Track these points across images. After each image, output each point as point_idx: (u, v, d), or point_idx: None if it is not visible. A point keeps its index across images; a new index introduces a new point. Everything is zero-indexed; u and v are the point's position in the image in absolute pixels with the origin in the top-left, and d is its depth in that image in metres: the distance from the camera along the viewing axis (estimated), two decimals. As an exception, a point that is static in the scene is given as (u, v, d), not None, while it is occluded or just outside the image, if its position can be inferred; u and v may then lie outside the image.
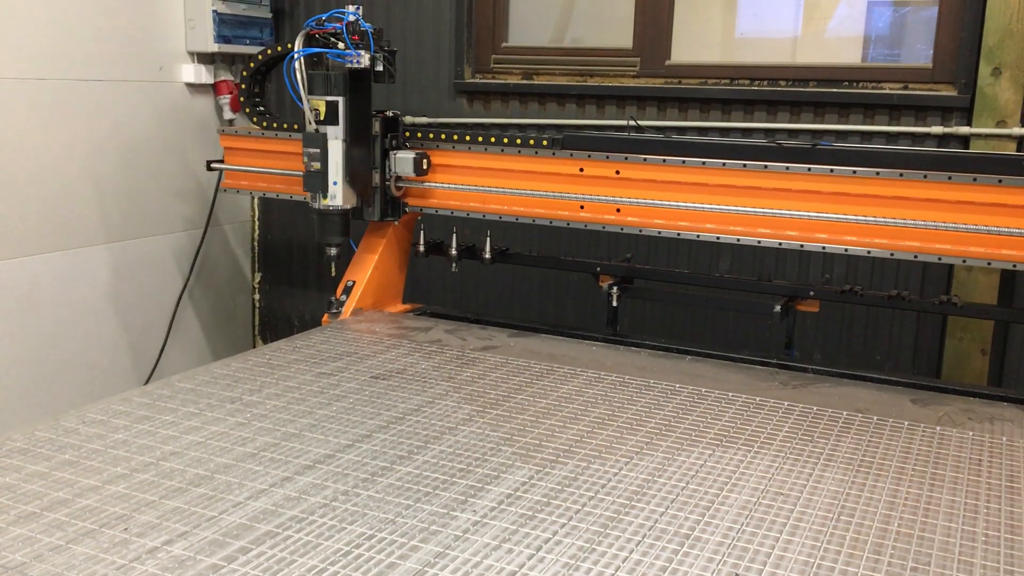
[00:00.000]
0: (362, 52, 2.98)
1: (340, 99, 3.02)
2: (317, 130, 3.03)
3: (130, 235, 3.89)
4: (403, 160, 3.17)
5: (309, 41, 3.00)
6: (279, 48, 3.36)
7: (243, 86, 3.50)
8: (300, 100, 3.01)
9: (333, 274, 3.22)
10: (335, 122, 3.02)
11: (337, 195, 3.07)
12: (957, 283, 3.34)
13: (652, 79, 3.76)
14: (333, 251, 3.18)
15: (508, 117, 3.98)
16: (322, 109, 3.01)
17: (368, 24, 3.00)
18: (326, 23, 3.00)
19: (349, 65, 2.99)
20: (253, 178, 3.56)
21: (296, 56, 2.96)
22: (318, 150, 3.03)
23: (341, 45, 2.99)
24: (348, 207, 3.11)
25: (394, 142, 3.21)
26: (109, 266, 3.81)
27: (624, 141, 3.04)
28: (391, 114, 3.22)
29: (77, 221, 3.65)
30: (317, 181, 3.05)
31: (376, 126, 3.17)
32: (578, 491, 1.84)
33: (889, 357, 3.55)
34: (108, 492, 1.78)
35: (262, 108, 3.54)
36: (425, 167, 3.19)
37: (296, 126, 3.38)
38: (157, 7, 3.88)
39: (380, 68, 3.05)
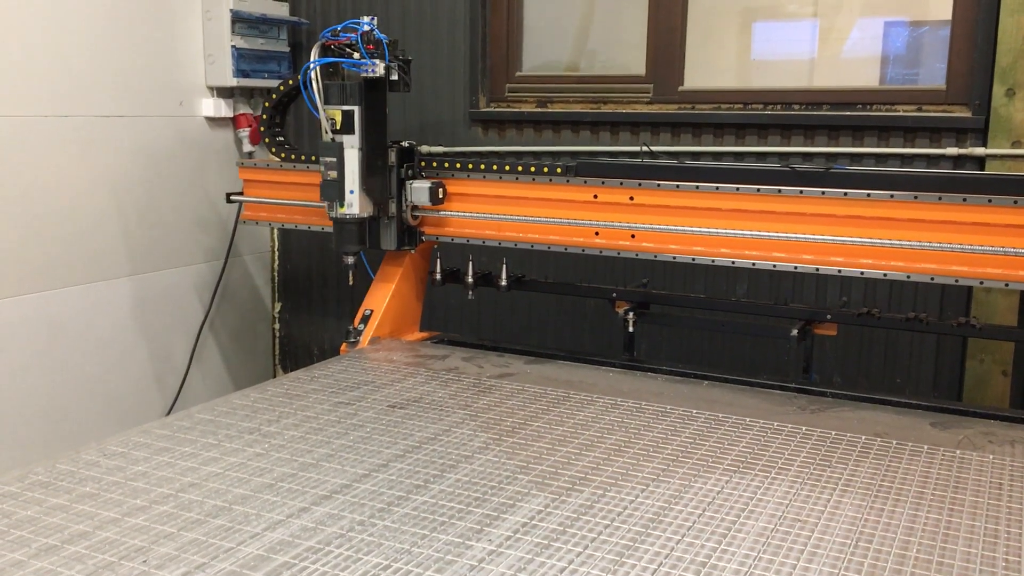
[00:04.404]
0: (376, 61, 2.99)
1: (356, 108, 3.03)
2: (333, 139, 3.04)
3: (152, 267, 3.94)
4: (419, 189, 3.19)
5: (324, 52, 3.01)
6: (300, 78, 3.40)
7: (264, 116, 3.55)
8: (316, 110, 3.02)
9: (351, 283, 3.24)
10: (351, 131, 3.04)
11: (354, 203, 3.07)
12: (976, 304, 3.32)
13: (665, 105, 3.78)
14: (350, 259, 3.18)
15: (523, 145, 4.01)
16: (338, 118, 3.02)
17: (384, 35, 3.02)
18: (341, 34, 3.01)
19: (364, 74, 3.01)
20: (272, 209, 3.60)
21: (312, 66, 2.97)
22: (334, 159, 3.04)
23: (356, 55, 3.00)
24: (365, 215, 3.12)
25: (410, 172, 3.24)
26: (132, 298, 3.86)
27: (638, 167, 3.06)
28: (407, 144, 3.25)
29: (100, 254, 3.70)
30: (334, 190, 3.07)
31: (392, 156, 3.19)
32: (594, 519, 1.83)
33: (909, 380, 3.53)
34: (128, 524, 1.80)
35: (282, 139, 3.58)
36: (441, 196, 3.21)
37: (314, 157, 3.41)
38: (177, 43, 3.96)
39: (395, 77, 3.06)
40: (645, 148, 3.50)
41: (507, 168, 3.17)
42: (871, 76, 3.67)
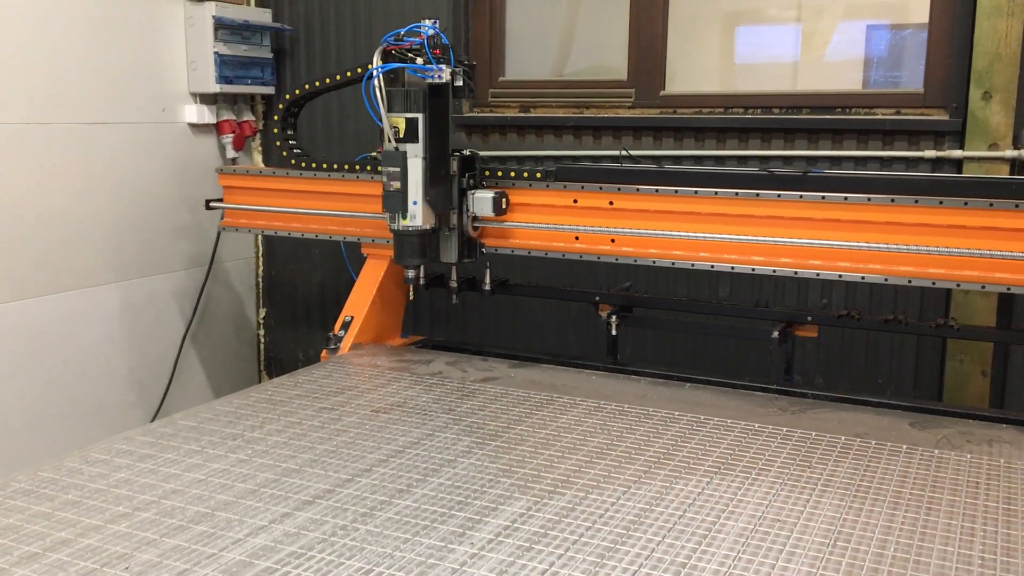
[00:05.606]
0: (443, 66, 2.89)
1: (420, 116, 2.92)
2: (396, 148, 2.93)
3: (135, 275, 3.93)
4: (482, 200, 3.08)
5: (386, 57, 2.91)
6: (317, 83, 3.38)
7: (276, 117, 3.53)
8: (378, 118, 2.91)
9: (411, 298, 3.19)
10: (415, 139, 2.92)
11: (417, 215, 2.96)
12: (956, 305, 3.35)
13: (647, 109, 3.80)
14: (411, 273, 3.11)
15: (506, 150, 4.02)
16: (401, 126, 2.92)
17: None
18: (404, 38, 2.92)
19: (429, 80, 2.89)
20: (252, 216, 3.61)
21: (375, 73, 2.87)
22: (397, 169, 2.93)
23: (420, 60, 2.90)
24: (427, 227, 3.01)
25: (471, 181, 3.13)
26: (115, 306, 3.85)
27: (617, 172, 3.08)
28: (468, 152, 3.14)
29: (83, 262, 3.69)
30: (396, 201, 2.94)
31: (454, 165, 3.08)
32: (576, 521, 1.85)
33: (891, 380, 3.56)
34: (110, 531, 1.80)
35: (293, 142, 3.55)
36: (504, 206, 3.10)
37: (317, 164, 3.41)
38: (159, 50, 3.95)
39: (460, 83, 2.96)
40: (624, 153, 3.52)
41: (487, 173, 3.18)
42: (854, 79, 3.70)
